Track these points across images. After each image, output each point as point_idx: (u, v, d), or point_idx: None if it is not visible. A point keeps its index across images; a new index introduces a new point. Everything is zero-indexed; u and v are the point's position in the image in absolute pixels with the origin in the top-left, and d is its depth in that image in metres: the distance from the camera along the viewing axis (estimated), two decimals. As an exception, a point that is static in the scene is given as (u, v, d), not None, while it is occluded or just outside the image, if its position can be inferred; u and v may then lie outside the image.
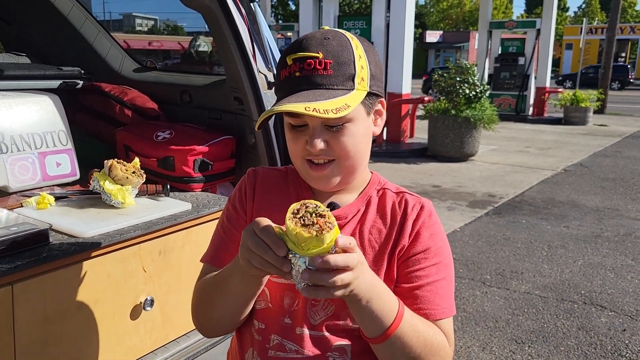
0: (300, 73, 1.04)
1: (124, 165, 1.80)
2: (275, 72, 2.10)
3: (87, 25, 2.69)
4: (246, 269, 0.96)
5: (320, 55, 1.03)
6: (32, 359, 1.46)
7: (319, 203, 0.93)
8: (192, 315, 1.21)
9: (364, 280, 0.94)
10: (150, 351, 1.80)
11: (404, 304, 1.07)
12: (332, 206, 1.16)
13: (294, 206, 0.93)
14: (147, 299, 1.73)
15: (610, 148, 10.88)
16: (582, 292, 4.11)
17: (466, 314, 3.74)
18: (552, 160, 9.44)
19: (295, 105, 0.99)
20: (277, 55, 2.15)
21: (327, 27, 1.12)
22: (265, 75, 2.09)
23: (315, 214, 0.90)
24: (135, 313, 1.72)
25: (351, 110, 1.03)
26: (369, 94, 1.09)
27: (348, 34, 1.10)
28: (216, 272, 1.15)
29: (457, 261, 4.69)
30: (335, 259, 0.88)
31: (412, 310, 1.08)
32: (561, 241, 5.24)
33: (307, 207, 0.92)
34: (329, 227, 0.88)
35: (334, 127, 1.06)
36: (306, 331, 1.12)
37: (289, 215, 0.91)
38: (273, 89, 2.05)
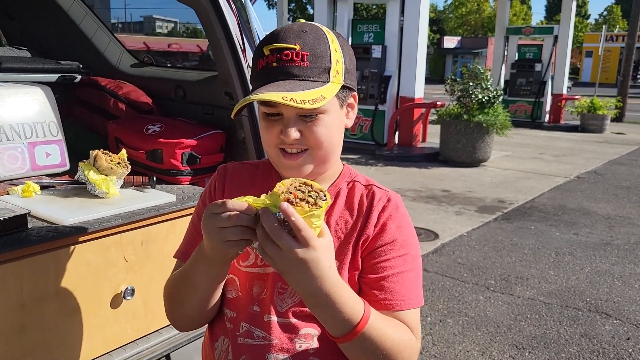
0: (277, 64, 1.05)
1: (109, 156, 1.81)
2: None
3: (87, 21, 2.73)
4: (222, 250, 0.96)
5: (298, 47, 1.05)
6: (8, 345, 1.47)
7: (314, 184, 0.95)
8: (165, 311, 1.23)
9: (322, 270, 0.94)
10: (131, 340, 1.81)
11: (369, 295, 1.08)
12: None
13: (289, 181, 0.95)
14: (127, 288, 1.74)
15: (627, 156, 10.69)
16: (588, 299, 4.04)
17: (467, 319, 3.69)
18: (566, 168, 9.31)
19: (272, 95, 1.00)
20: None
21: (303, 20, 1.14)
22: (255, 70, 2.09)
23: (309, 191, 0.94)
24: (115, 302, 1.73)
25: (326, 102, 1.04)
26: (343, 87, 1.11)
27: (324, 28, 1.12)
28: (181, 268, 1.17)
29: (462, 265, 4.65)
30: (300, 221, 0.89)
31: (377, 300, 1.08)
32: (569, 248, 5.16)
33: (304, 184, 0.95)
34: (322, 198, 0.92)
35: (309, 118, 1.08)
36: (273, 318, 1.13)
37: (280, 184, 0.93)
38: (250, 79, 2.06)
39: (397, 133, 10.66)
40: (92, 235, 1.62)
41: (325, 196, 0.93)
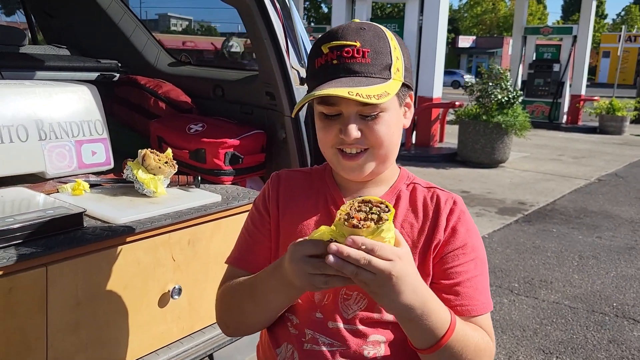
0: (338, 61, 1.04)
1: (157, 155, 1.83)
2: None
3: (125, 20, 2.75)
4: (311, 289, 0.99)
5: (358, 44, 1.04)
6: (63, 341, 1.49)
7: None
8: (218, 317, 1.22)
9: (411, 280, 0.92)
10: (176, 339, 1.82)
11: (443, 301, 1.05)
12: None
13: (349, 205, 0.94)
14: (175, 287, 1.75)
15: (647, 159, 10.58)
16: (614, 304, 4.00)
17: (493, 322, 3.65)
18: (586, 170, 9.22)
19: (338, 90, 0.99)
20: (312, 51, 2.15)
21: (357, 20, 1.13)
22: (297, 71, 2.10)
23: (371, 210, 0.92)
24: (163, 301, 1.75)
25: (390, 99, 1.03)
26: (402, 85, 1.09)
27: (381, 26, 1.11)
28: (245, 278, 1.16)
29: (484, 267, 4.62)
30: (370, 243, 0.88)
31: (453, 306, 1.07)
32: (593, 252, 5.11)
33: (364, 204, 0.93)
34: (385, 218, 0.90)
35: (369, 116, 1.06)
36: (340, 325, 1.12)
37: (340, 211, 0.93)
38: (305, 79, 2.06)
39: (414, 133, 10.62)
40: (143, 234, 1.64)
41: (387, 207, 0.91)
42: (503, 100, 8.92)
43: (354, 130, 1.05)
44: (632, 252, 5.11)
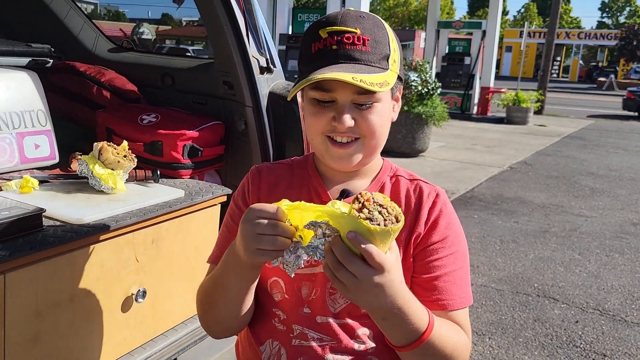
0: (338, 46, 1.02)
1: (115, 149, 1.69)
2: (268, 56, 2.04)
3: (58, 1, 2.52)
4: (255, 258, 0.93)
5: (359, 32, 1.02)
6: (23, 356, 1.35)
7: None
8: (200, 319, 1.18)
9: (395, 289, 0.91)
10: (139, 345, 1.71)
11: (422, 295, 1.06)
12: (346, 193, 1.14)
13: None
14: (139, 290, 1.65)
15: (551, 147, 11.38)
16: (535, 285, 4.27)
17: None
18: (498, 158, 9.77)
19: (341, 75, 0.97)
20: (270, 41, 2.09)
21: (352, 8, 1.11)
22: (257, 60, 2.03)
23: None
24: (126, 305, 1.64)
25: (388, 89, 1.03)
26: (397, 78, 1.08)
27: (378, 17, 1.09)
28: (213, 272, 1.13)
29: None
30: (372, 247, 0.85)
31: (431, 300, 1.08)
32: (512, 236, 5.43)
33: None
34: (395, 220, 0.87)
35: (363, 105, 1.05)
36: (328, 319, 1.11)
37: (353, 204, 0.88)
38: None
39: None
40: (107, 234, 1.52)
41: (397, 219, 0.88)
42: (423, 92, 9.22)
43: (347, 119, 1.03)
44: (546, 235, 5.49)
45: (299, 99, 1.73)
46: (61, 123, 2.27)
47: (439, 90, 9.60)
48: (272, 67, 2.04)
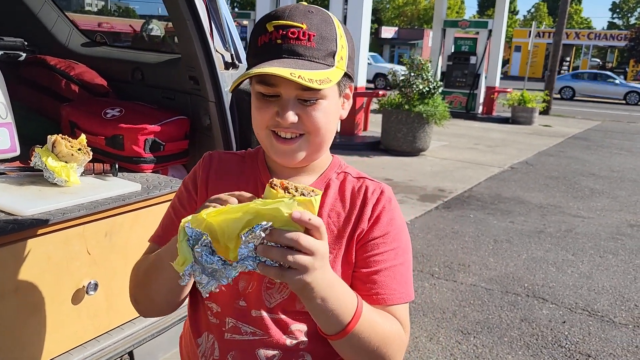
0: (282, 41, 1.00)
1: (69, 142, 1.69)
2: (233, 51, 2.03)
3: (32, -6, 2.54)
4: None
5: (305, 27, 1.00)
6: (-39, 345, 1.36)
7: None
8: (130, 292, 1.17)
9: (324, 277, 0.91)
10: (92, 338, 1.71)
11: (361, 289, 1.06)
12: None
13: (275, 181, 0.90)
14: (90, 282, 1.64)
15: (554, 148, 11.29)
16: (526, 285, 4.24)
17: (415, 305, 3.78)
18: (500, 158, 9.71)
19: (279, 70, 0.95)
20: (236, 36, 2.08)
21: (305, 3, 1.09)
22: (222, 55, 2.02)
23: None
24: (77, 298, 1.63)
25: (330, 86, 1.01)
26: (344, 75, 1.07)
27: (329, 12, 1.08)
28: (157, 251, 1.12)
29: (407, 253, 4.75)
30: (305, 238, 0.85)
31: (369, 295, 1.07)
32: (506, 236, 5.39)
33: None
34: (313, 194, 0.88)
35: (308, 102, 1.03)
36: (262, 313, 1.10)
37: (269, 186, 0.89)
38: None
39: (339, 121, 10.69)
40: (53, 227, 1.52)
41: (313, 191, 0.89)
42: (424, 91, 9.17)
43: (290, 115, 1.02)
44: (541, 236, 5.44)
45: None
46: (30, 116, 2.28)
47: (440, 89, 9.55)
48: (237, 62, 2.03)
